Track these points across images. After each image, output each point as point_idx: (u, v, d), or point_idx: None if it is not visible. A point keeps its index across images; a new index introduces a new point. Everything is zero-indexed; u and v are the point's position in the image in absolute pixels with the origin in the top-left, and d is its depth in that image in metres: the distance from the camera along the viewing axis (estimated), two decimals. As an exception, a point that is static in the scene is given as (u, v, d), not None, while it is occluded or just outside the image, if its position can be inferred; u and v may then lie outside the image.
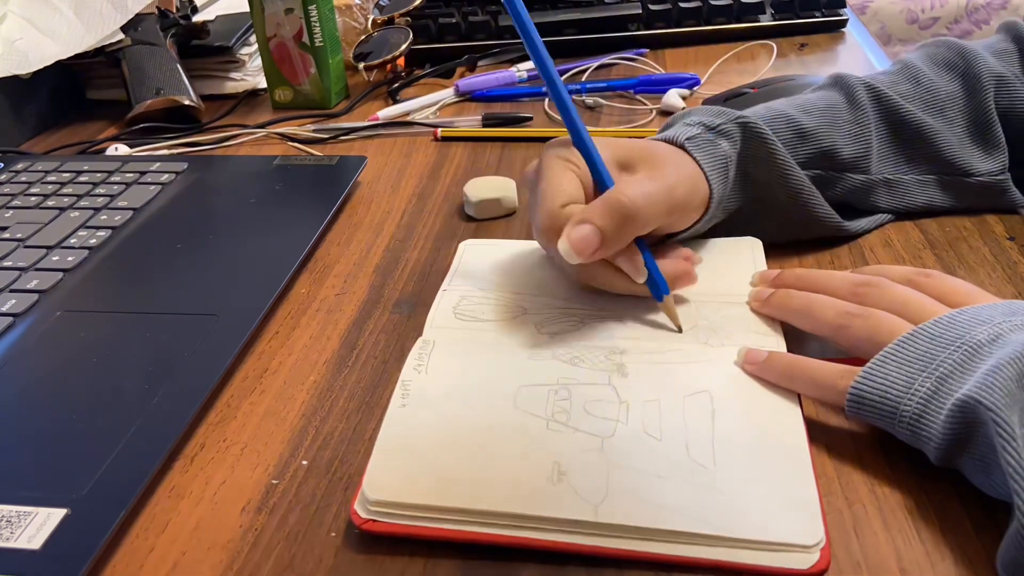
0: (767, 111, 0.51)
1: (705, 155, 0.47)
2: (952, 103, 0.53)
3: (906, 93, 0.53)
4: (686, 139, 0.48)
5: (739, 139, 0.48)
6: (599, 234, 0.41)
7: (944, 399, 0.34)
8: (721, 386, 0.40)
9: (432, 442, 0.37)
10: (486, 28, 0.89)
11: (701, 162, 0.47)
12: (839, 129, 0.51)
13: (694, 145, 0.47)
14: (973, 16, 1.87)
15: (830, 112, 0.51)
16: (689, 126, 0.49)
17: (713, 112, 0.50)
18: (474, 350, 0.43)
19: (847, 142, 0.51)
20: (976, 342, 0.35)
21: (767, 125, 0.49)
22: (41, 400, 0.42)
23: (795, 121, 0.50)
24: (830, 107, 0.52)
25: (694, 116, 0.50)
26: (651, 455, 0.36)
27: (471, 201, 0.58)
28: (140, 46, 0.80)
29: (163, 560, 0.34)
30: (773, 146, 0.49)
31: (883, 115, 0.52)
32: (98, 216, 0.59)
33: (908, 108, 0.52)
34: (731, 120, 0.49)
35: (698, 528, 0.33)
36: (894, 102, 0.52)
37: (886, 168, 0.53)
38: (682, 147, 0.47)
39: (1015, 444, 0.30)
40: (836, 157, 0.51)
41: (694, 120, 0.49)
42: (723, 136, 0.48)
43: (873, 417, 0.36)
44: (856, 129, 0.51)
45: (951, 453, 0.34)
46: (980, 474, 0.34)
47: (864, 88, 0.52)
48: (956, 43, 0.55)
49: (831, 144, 0.50)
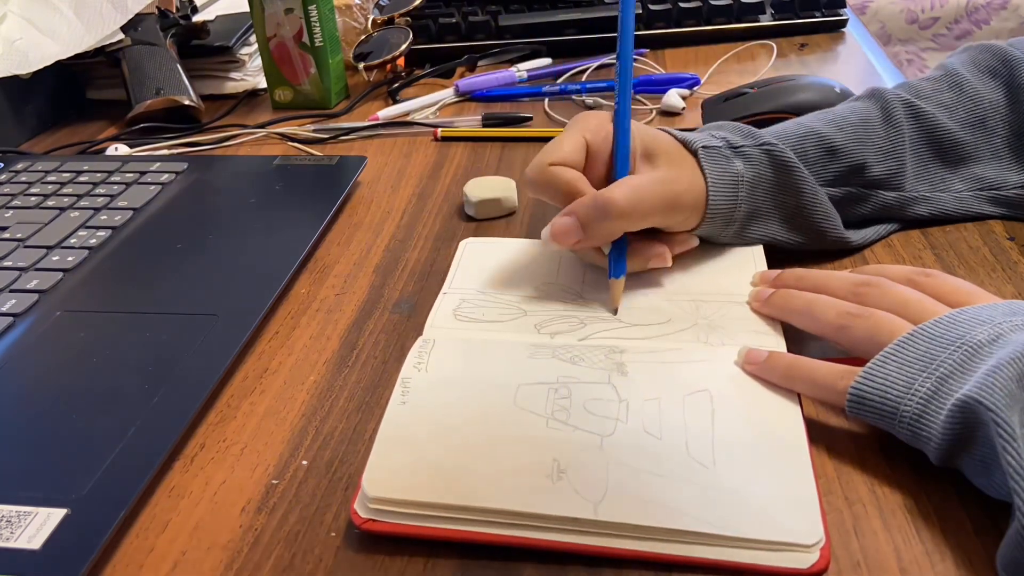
0: (797, 127, 0.50)
1: (715, 168, 0.47)
2: (994, 112, 0.52)
3: (948, 103, 0.52)
4: (701, 147, 0.47)
5: (759, 163, 0.48)
6: (579, 228, 0.45)
7: (944, 399, 0.34)
8: (721, 385, 0.40)
9: (432, 439, 0.37)
10: (486, 28, 0.89)
11: (708, 174, 0.47)
12: (871, 145, 0.50)
13: (707, 155, 0.47)
14: (973, 16, 1.87)
15: (863, 127, 0.50)
16: (713, 138, 0.49)
17: (742, 132, 0.49)
18: (474, 349, 0.43)
19: (879, 159, 0.50)
20: (976, 342, 0.35)
21: (798, 142, 0.49)
22: (41, 400, 0.42)
23: (826, 138, 0.49)
24: (864, 121, 0.50)
25: (723, 131, 0.49)
26: (651, 454, 0.36)
27: (471, 201, 0.58)
28: (140, 46, 0.80)
29: (163, 560, 0.34)
30: (799, 173, 0.48)
31: (920, 132, 0.51)
32: (98, 216, 0.59)
33: (947, 125, 0.51)
34: (756, 144, 0.48)
35: (698, 527, 0.32)
36: (932, 119, 0.51)
37: (921, 185, 0.52)
38: (695, 153, 0.47)
39: (1015, 444, 0.30)
40: (867, 174, 0.50)
41: (720, 135, 0.49)
42: (741, 156, 0.48)
43: (873, 417, 0.36)
44: (889, 146, 0.50)
45: (951, 453, 0.34)
46: (980, 474, 0.34)
47: (901, 104, 0.51)
48: (1000, 48, 0.54)
49: (862, 160, 0.50)
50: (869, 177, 0.50)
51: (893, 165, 0.50)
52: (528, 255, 0.52)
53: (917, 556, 0.33)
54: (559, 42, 0.89)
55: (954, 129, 0.52)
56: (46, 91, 0.81)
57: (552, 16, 0.89)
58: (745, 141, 0.48)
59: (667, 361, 0.42)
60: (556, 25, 0.89)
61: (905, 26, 1.90)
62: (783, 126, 0.51)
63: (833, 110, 0.52)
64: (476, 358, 0.42)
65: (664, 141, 0.48)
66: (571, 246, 0.46)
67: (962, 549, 0.33)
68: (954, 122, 0.52)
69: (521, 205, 0.60)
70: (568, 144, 0.47)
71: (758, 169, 0.48)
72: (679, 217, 0.47)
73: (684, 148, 0.48)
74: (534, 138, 0.71)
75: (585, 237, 0.45)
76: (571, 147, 0.47)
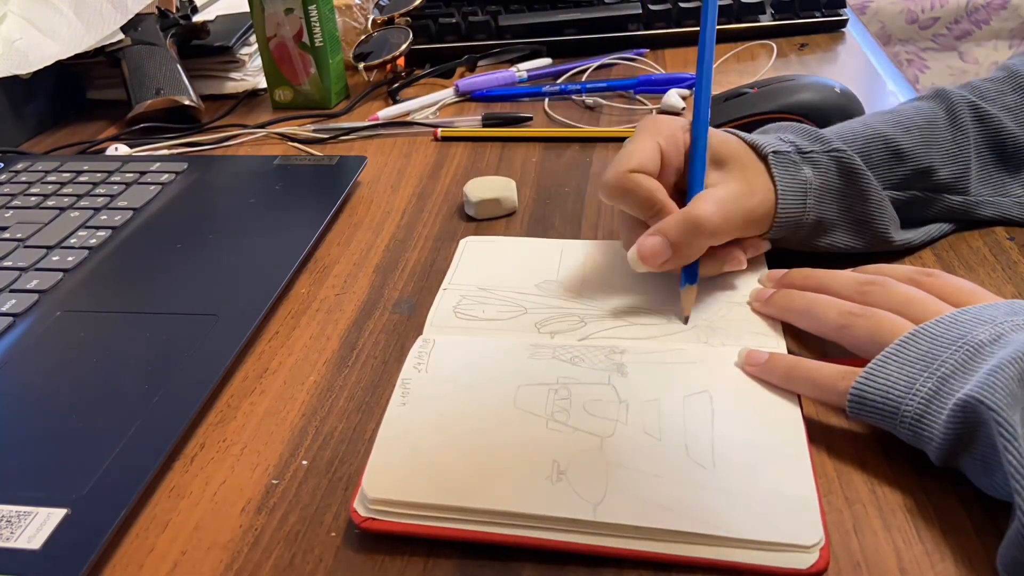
0: (864, 128, 0.49)
1: (785, 175, 0.47)
2: None
3: (1012, 105, 0.52)
4: (772, 152, 0.47)
5: (827, 171, 0.47)
6: (670, 248, 0.44)
7: (946, 399, 0.34)
8: (720, 386, 0.40)
9: (432, 440, 0.37)
10: (486, 28, 0.89)
11: (777, 181, 0.46)
12: (938, 148, 0.49)
13: (777, 162, 0.47)
14: (973, 16, 1.87)
15: (929, 129, 0.49)
16: (782, 141, 0.48)
17: (809, 135, 0.48)
18: (474, 349, 0.43)
19: (945, 162, 0.49)
20: (978, 342, 0.35)
21: (864, 145, 0.48)
22: (41, 400, 0.42)
23: (892, 141, 0.49)
24: (930, 123, 0.50)
25: (789, 134, 0.49)
26: (650, 455, 0.36)
27: (471, 201, 0.58)
28: (140, 46, 0.80)
29: (163, 560, 0.34)
30: (867, 181, 0.47)
31: (984, 135, 0.51)
32: (98, 216, 0.59)
33: (1011, 129, 0.51)
34: (824, 150, 0.47)
35: (697, 528, 0.32)
36: (996, 122, 0.51)
37: (985, 189, 0.51)
38: (764, 159, 0.47)
39: (1017, 444, 0.30)
40: (933, 178, 0.49)
41: (788, 138, 0.48)
42: (810, 163, 0.47)
43: (875, 418, 0.36)
44: (955, 149, 0.50)
45: (952, 453, 0.34)
46: (981, 474, 0.34)
47: (967, 105, 0.51)
48: None
49: (928, 164, 0.49)
50: (935, 181, 0.50)
51: (959, 169, 0.50)
52: (528, 253, 0.52)
53: (917, 556, 0.33)
54: (559, 42, 0.89)
55: (1017, 133, 0.51)
56: (46, 91, 0.81)
57: (552, 16, 0.89)
58: (813, 146, 0.48)
59: (667, 362, 0.42)
60: (556, 25, 0.89)
61: (905, 26, 1.90)
62: (847, 126, 0.50)
63: (898, 110, 0.52)
64: (476, 359, 0.42)
65: (734, 146, 0.47)
66: (657, 267, 0.44)
67: (962, 549, 0.33)
68: (1017, 125, 0.51)
69: (521, 205, 0.60)
70: (646, 151, 0.46)
71: (826, 176, 0.47)
72: (756, 228, 0.47)
73: (753, 152, 0.48)
74: (534, 138, 0.71)
75: (674, 257, 0.44)
76: (649, 154, 0.46)
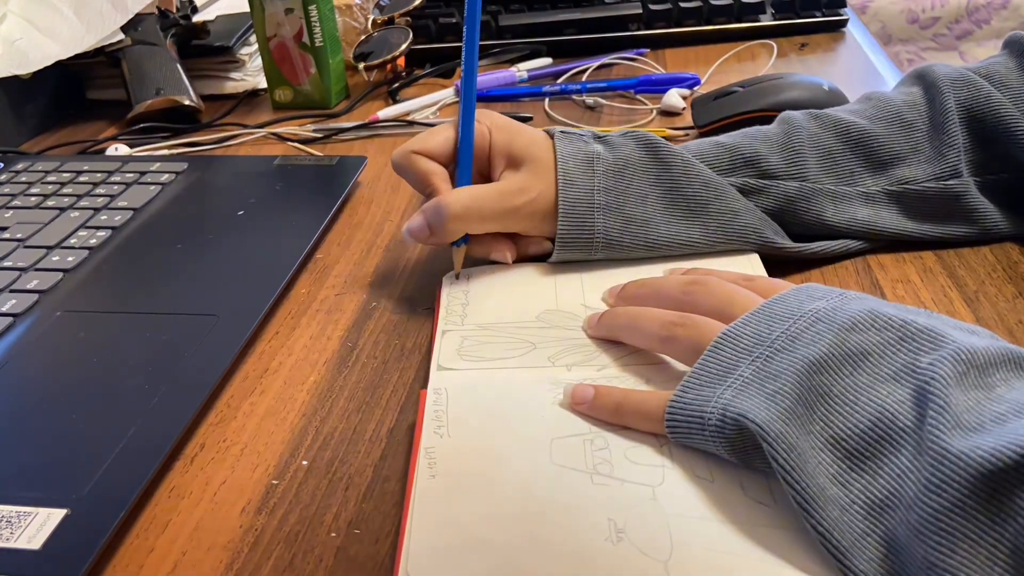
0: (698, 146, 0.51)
1: (567, 147, 0.48)
2: (911, 109, 0.51)
3: (857, 108, 0.52)
4: (559, 131, 0.50)
5: (622, 146, 0.49)
6: (428, 228, 0.47)
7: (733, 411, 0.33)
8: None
9: (473, 515, 0.33)
10: (486, 28, 0.89)
11: (558, 154, 0.48)
12: (763, 139, 0.50)
13: (563, 137, 0.49)
14: (973, 16, 1.87)
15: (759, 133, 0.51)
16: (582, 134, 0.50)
17: (617, 134, 0.51)
18: (492, 398, 0.40)
19: (773, 151, 0.49)
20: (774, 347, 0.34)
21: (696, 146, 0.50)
22: (41, 400, 0.42)
23: (720, 143, 0.50)
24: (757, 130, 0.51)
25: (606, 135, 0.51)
26: (706, 499, 0.33)
27: (471, 201, 0.58)
28: (140, 46, 0.80)
29: (163, 560, 0.34)
30: (667, 149, 0.48)
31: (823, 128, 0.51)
32: (98, 216, 0.59)
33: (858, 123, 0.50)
34: (620, 135, 0.50)
35: (772, 571, 0.30)
36: (833, 115, 0.51)
37: (828, 179, 0.50)
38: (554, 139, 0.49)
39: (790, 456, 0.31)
40: (761, 165, 0.49)
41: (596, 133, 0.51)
42: (602, 142, 0.49)
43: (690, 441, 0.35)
44: (784, 139, 0.50)
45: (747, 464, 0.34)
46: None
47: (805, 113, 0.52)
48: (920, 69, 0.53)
49: (753, 152, 0.49)
50: (764, 168, 0.49)
51: (788, 156, 0.49)
52: (517, 282, 0.49)
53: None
54: (559, 42, 0.89)
55: (865, 126, 0.50)
56: (46, 91, 0.81)
57: (552, 16, 0.89)
58: (612, 136, 0.49)
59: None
60: (556, 25, 0.89)
61: (905, 26, 1.90)
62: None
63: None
64: (498, 412, 0.39)
65: (540, 149, 0.48)
66: (424, 242, 0.48)
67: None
68: (865, 119, 0.51)
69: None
70: (435, 137, 0.49)
71: (622, 151, 0.49)
72: (524, 224, 0.48)
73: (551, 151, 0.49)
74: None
75: (432, 235, 0.47)
76: (437, 141, 0.49)
